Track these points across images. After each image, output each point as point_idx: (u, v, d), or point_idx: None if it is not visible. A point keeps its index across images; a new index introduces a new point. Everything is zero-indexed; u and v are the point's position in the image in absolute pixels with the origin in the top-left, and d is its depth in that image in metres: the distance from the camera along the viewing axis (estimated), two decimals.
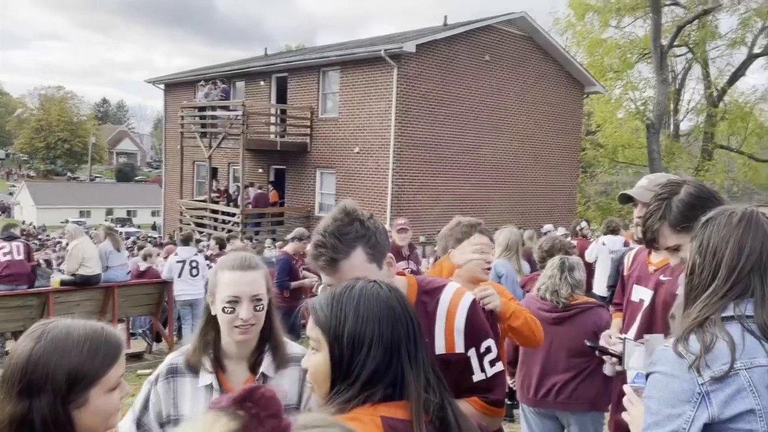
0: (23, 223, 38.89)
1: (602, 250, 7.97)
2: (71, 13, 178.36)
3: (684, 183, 1.80)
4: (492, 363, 1.73)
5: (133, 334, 9.47)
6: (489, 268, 2.59)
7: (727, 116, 24.51)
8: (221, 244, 10.17)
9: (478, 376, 1.71)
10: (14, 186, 62.70)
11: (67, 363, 1.19)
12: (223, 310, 1.70)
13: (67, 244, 8.99)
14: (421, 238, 14.87)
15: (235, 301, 1.69)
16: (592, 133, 27.69)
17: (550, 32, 19.95)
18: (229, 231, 15.37)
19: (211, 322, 1.77)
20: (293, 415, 0.85)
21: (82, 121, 78.34)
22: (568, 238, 8.80)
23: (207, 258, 9.15)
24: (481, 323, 1.77)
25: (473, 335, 1.72)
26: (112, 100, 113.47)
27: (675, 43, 22.90)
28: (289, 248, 7.45)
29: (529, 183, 18.62)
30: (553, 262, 3.46)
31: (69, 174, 76.76)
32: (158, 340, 9.23)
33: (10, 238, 8.26)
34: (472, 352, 1.70)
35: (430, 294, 1.76)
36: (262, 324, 1.76)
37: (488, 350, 1.73)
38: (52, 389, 1.18)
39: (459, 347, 1.69)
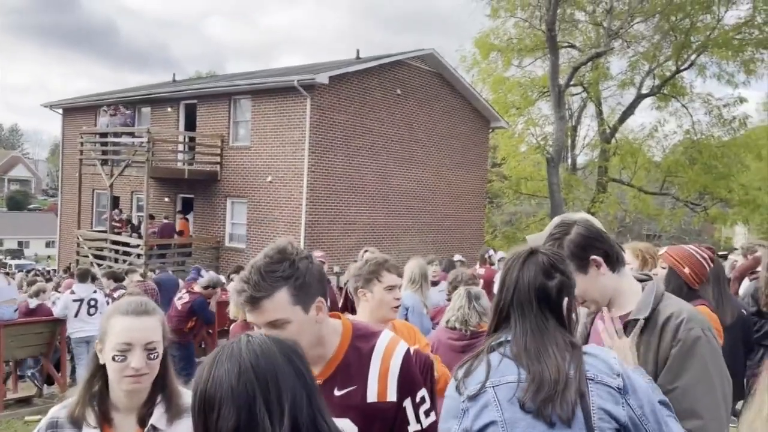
0: None
1: None
2: None
3: (575, 223, 1.89)
4: (427, 413, 1.71)
5: (21, 377, 8.73)
6: (398, 306, 2.62)
7: (619, 152, 26.27)
8: (116, 278, 9.60)
9: (413, 427, 1.68)
10: None
11: None
12: (113, 358, 1.62)
13: None
14: (336, 269, 14.83)
15: (126, 349, 1.62)
16: (498, 166, 28.82)
17: (458, 69, 20.74)
18: (130, 264, 14.63)
19: (99, 372, 1.68)
20: None
21: None
22: (476, 266, 9.06)
23: (106, 296, 8.62)
24: (416, 372, 1.75)
25: (409, 384, 1.69)
26: (5, 123, 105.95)
27: (571, 83, 24.33)
28: (199, 289, 7.33)
29: (439, 213, 19.08)
30: (459, 293, 3.60)
31: None
32: (50, 383, 8.54)
33: None
34: (407, 402, 1.67)
35: (364, 339, 1.72)
36: (155, 373, 1.68)
37: (423, 400, 1.71)
38: None
39: (391, 395, 1.65)
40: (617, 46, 24.95)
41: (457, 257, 12.51)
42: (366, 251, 5.16)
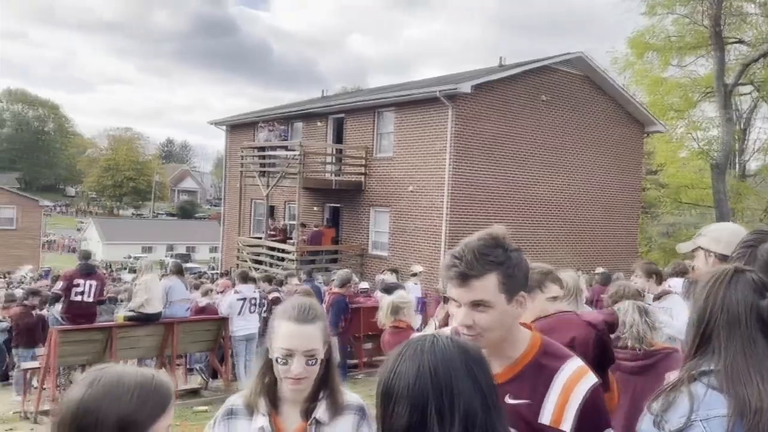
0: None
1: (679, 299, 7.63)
2: (134, 58, 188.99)
3: None
4: None
5: (190, 370, 9.60)
6: None
7: None
8: (271, 282, 10.32)
9: None
10: (82, 222, 65.85)
11: (116, 410, 1.17)
12: (277, 359, 1.73)
13: (134, 281, 9.30)
14: None
15: (288, 354, 1.71)
16: (654, 173, 26.93)
17: (609, 71, 19.72)
18: (286, 268, 15.56)
19: (270, 365, 1.79)
20: None
21: (147, 160, 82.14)
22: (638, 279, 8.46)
23: (263, 298, 9.27)
24: (603, 410, 1.64)
25: (595, 421, 1.58)
26: (177, 139, 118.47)
27: (740, 82, 22.20)
28: (336, 290, 7.68)
29: (587, 224, 18.18)
30: (626, 307, 3.26)
31: (133, 211, 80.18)
32: (214, 376, 9.31)
33: (88, 273, 8.57)
34: None
35: (551, 358, 1.65)
36: (315, 376, 1.77)
37: None
38: None
39: (566, 424, 1.57)
40: None
41: (599, 270, 11.83)
42: None
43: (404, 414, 1.15)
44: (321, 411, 1.77)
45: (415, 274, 9.82)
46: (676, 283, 7.75)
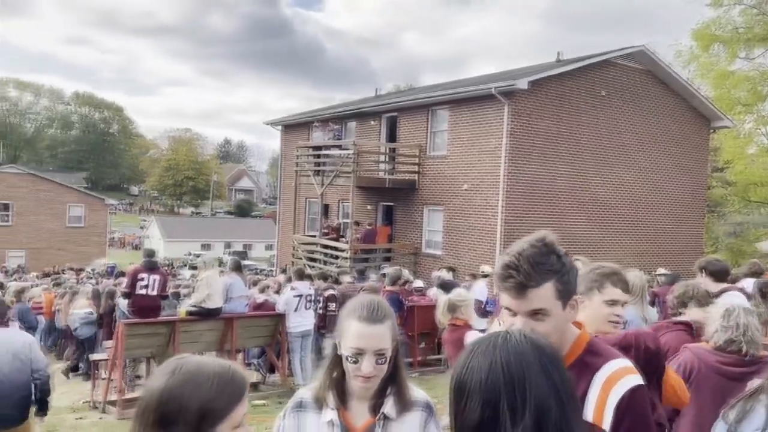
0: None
1: (739, 295, 7.28)
2: (192, 61, 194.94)
3: None
4: None
5: (248, 365, 9.81)
6: (617, 322, 2.34)
7: None
8: (326, 279, 10.44)
9: None
10: (145, 220, 68.42)
11: (198, 397, 1.22)
12: (347, 358, 1.75)
13: (193, 277, 9.56)
14: None
15: (358, 353, 1.74)
16: (720, 170, 25.83)
17: (672, 65, 18.98)
18: (339, 266, 15.70)
19: (339, 360, 1.81)
20: None
21: (206, 160, 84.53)
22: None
23: (318, 295, 9.37)
24: (641, 413, 1.56)
25: (629, 423, 1.52)
26: (234, 140, 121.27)
27: None
28: (392, 287, 7.71)
29: (649, 223, 17.58)
30: (736, 309, 3.09)
31: (192, 209, 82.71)
32: (271, 371, 9.48)
33: (152, 269, 8.90)
34: None
35: (595, 356, 1.63)
36: (383, 374, 1.79)
37: None
38: (185, 422, 1.21)
39: (606, 424, 1.53)
40: None
41: (660, 270, 11.41)
42: (576, 260, 4.91)
43: (476, 409, 1.16)
44: (389, 407, 1.79)
45: (486, 275, 9.59)
46: (748, 284, 7.41)
